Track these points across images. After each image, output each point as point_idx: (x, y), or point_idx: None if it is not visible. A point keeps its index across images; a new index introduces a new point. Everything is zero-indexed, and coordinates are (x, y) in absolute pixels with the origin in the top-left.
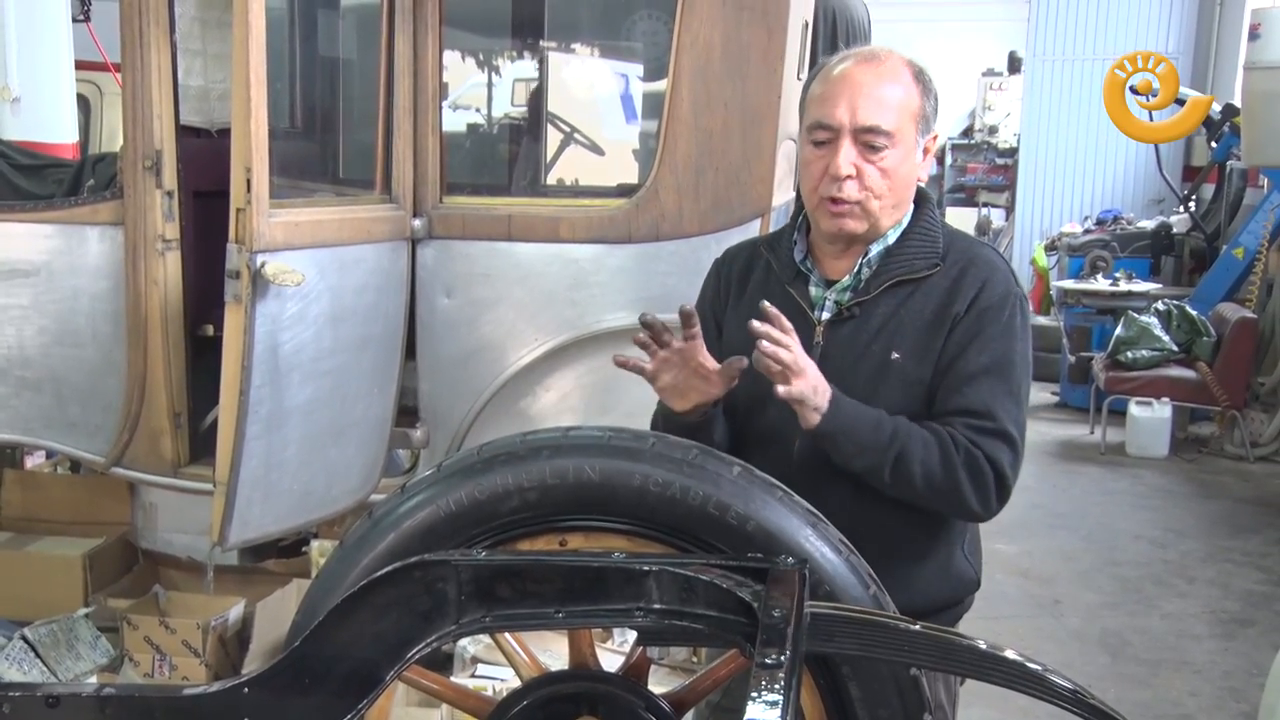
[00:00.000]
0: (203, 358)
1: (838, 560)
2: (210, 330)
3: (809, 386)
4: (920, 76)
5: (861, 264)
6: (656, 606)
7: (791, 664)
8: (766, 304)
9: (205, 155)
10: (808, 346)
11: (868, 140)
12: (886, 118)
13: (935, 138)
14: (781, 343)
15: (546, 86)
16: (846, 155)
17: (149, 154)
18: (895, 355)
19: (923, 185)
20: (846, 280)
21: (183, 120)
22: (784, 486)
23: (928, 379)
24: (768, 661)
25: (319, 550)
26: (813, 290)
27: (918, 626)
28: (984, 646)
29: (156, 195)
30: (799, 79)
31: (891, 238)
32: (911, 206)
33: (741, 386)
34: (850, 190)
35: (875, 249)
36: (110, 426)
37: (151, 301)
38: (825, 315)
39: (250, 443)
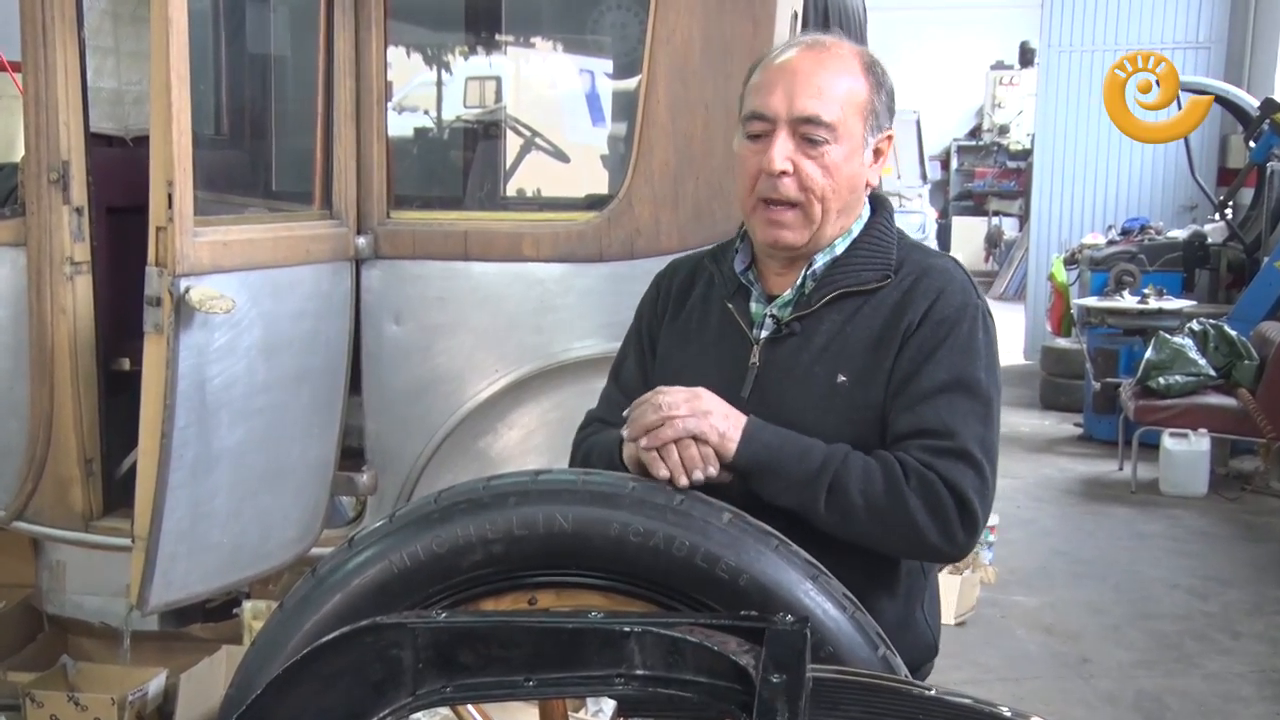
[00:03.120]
0: (118, 396)
1: (842, 618)
2: (127, 364)
3: (699, 419)
4: (872, 69)
5: (806, 275)
6: (639, 672)
7: None
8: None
9: (120, 167)
10: (744, 368)
11: (806, 133)
12: (828, 108)
13: (890, 137)
14: (646, 405)
15: (504, 86)
16: (782, 149)
17: (54, 165)
18: (841, 378)
19: (879, 192)
20: (788, 295)
21: (93, 127)
22: (780, 535)
23: (876, 402)
24: None
25: (252, 612)
26: (753, 306)
27: (932, 692)
28: (1008, 713)
29: (64, 212)
30: None
31: (840, 248)
32: (867, 214)
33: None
34: (787, 188)
35: (821, 259)
36: (11, 475)
37: (59, 332)
38: (764, 333)
39: (173, 491)
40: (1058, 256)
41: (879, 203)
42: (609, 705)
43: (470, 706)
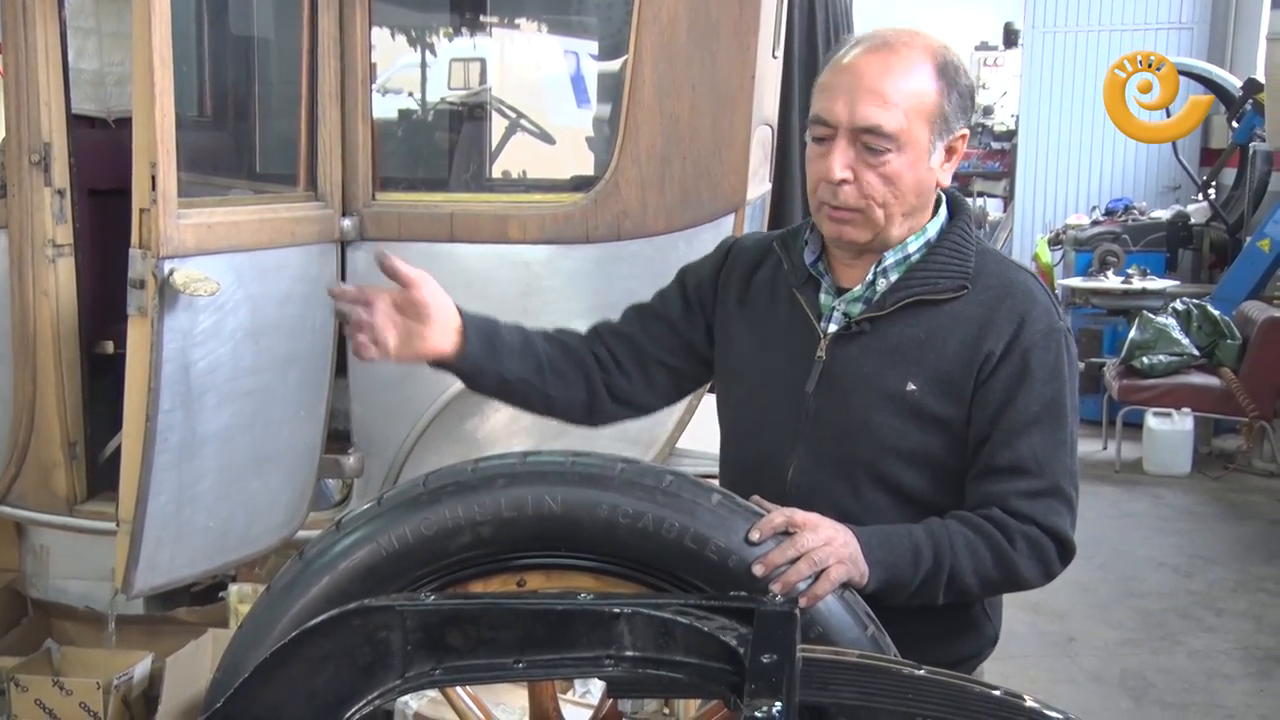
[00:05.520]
0: (102, 379)
1: (831, 598)
2: (110, 348)
3: (845, 561)
4: (945, 69)
5: (876, 273)
6: (629, 654)
7: (784, 716)
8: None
9: (102, 148)
10: (810, 361)
11: (867, 142)
12: (889, 118)
13: (964, 136)
14: (782, 533)
15: (489, 67)
16: (842, 157)
17: (36, 147)
18: (912, 386)
19: (958, 194)
20: (858, 290)
21: (75, 108)
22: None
23: (947, 416)
24: (757, 715)
25: (238, 596)
26: (822, 298)
27: (923, 671)
28: (999, 694)
29: (45, 194)
30: (774, 56)
31: (912, 247)
32: (944, 216)
33: (730, 409)
34: (847, 196)
35: (891, 257)
36: None
37: (41, 315)
38: (832, 328)
39: (159, 475)
40: (1042, 237)
41: (958, 206)
42: (597, 686)
43: (459, 689)
